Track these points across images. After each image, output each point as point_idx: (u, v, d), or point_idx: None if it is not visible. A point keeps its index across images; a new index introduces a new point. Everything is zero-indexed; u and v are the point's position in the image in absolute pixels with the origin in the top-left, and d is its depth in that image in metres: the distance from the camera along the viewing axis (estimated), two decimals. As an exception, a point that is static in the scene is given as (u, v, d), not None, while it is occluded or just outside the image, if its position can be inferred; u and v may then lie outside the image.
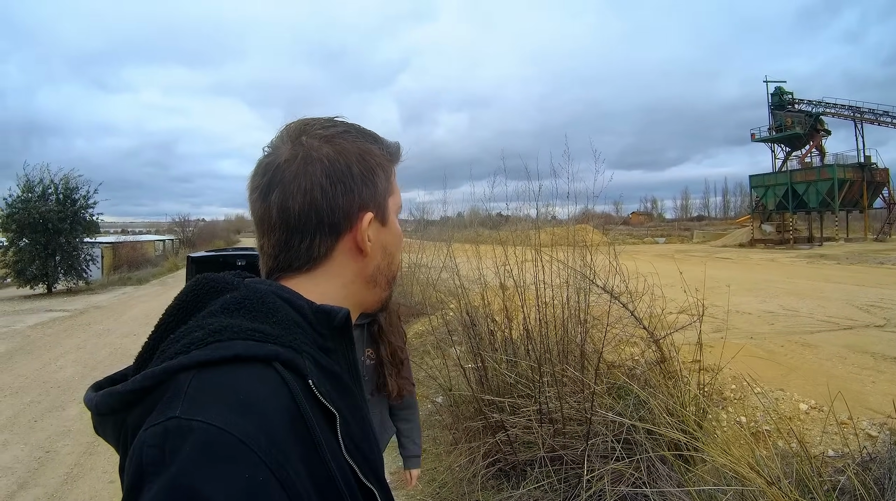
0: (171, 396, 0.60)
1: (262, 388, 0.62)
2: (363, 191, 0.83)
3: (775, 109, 44.71)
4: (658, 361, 4.10)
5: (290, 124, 0.86)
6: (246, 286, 0.74)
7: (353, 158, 0.83)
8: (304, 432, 0.63)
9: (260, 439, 0.58)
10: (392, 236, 0.91)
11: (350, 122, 0.89)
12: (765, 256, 30.89)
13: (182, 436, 0.56)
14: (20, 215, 23.06)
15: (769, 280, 16.19)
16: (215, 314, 0.70)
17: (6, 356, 10.49)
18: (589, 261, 4.50)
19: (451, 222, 8.95)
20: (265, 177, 0.81)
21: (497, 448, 3.93)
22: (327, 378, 0.71)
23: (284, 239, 0.81)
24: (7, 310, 18.71)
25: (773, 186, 43.23)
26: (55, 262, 24.19)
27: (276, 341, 0.67)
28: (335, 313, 0.77)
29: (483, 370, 4.30)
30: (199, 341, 0.65)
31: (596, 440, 3.56)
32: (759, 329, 8.56)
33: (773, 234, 42.85)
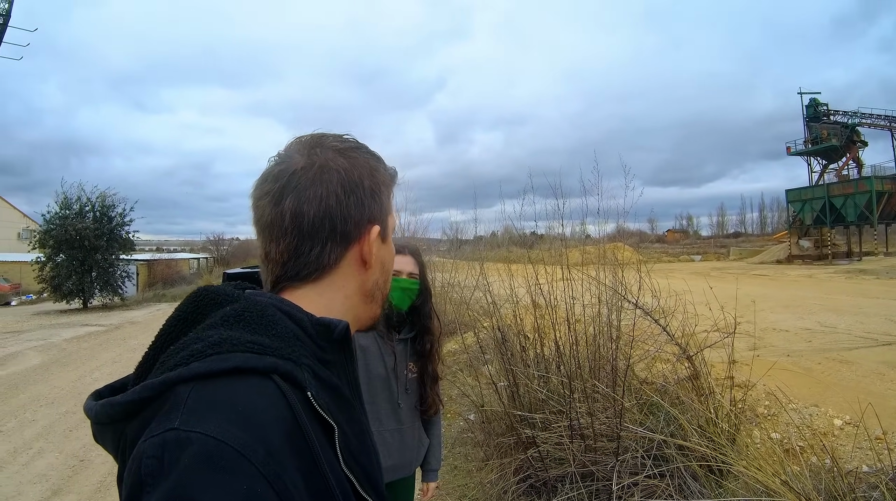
0: (170, 407, 0.61)
1: (260, 400, 0.63)
2: (372, 205, 0.87)
3: (810, 121, 43.91)
4: (690, 377, 4.11)
5: (301, 137, 0.89)
6: (246, 299, 0.75)
7: (365, 173, 0.86)
8: (302, 444, 0.64)
9: (258, 450, 0.58)
10: (389, 254, 0.94)
11: (359, 140, 0.92)
12: (802, 272, 30.26)
13: (181, 448, 0.57)
14: (57, 231, 23.75)
15: (806, 297, 15.90)
16: (215, 326, 0.70)
17: (42, 368, 10.78)
18: (620, 278, 4.53)
19: (485, 241, 9.02)
20: (278, 183, 0.82)
21: (528, 463, 3.94)
22: (326, 391, 0.73)
23: (295, 245, 0.82)
24: (44, 324, 19.24)
25: (809, 201, 42.36)
26: (91, 278, 24.88)
27: (274, 353, 0.68)
28: (335, 325, 0.78)
29: (515, 386, 4.33)
30: (198, 353, 0.65)
31: (626, 455, 3.56)
32: (795, 346, 8.45)
33: (810, 249, 41.90)
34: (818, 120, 43.29)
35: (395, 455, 2.46)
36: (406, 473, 2.55)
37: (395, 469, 2.48)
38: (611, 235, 5.90)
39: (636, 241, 5.69)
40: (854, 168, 42.46)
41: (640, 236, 14.23)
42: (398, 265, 2.44)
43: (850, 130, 41.78)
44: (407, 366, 2.51)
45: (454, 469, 4.93)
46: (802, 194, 43.81)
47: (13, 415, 7.62)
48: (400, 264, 2.45)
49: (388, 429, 2.45)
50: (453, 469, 4.95)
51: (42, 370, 10.53)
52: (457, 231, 13.64)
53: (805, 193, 43.57)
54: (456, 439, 5.54)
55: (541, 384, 4.31)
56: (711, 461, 3.30)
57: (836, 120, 43.33)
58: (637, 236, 5.49)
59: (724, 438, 3.50)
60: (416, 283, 2.49)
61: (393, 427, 2.47)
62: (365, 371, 2.42)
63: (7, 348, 13.50)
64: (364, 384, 2.44)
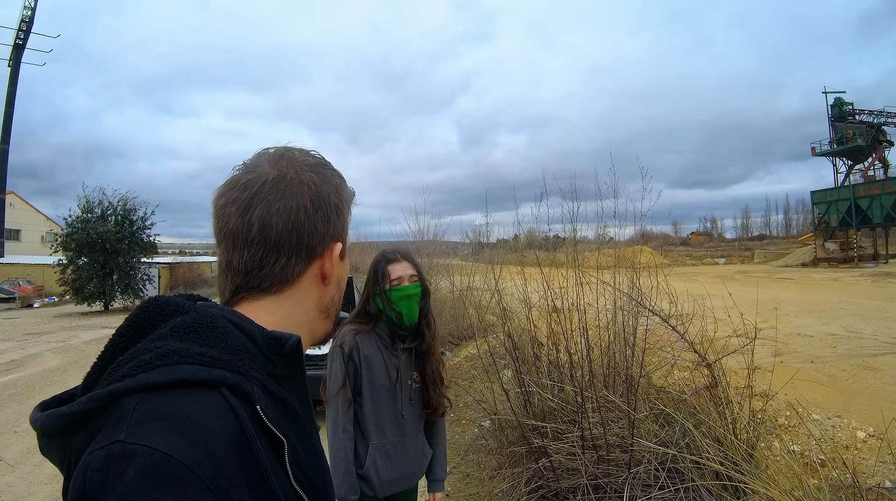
0: (117, 420, 0.59)
1: (208, 413, 0.62)
2: (336, 222, 0.87)
3: (835, 121, 43.33)
4: (708, 386, 3.99)
5: (268, 149, 0.89)
6: (196, 310, 0.74)
7: (332, 190, 0.87)
8: (250, 458, 0.63)
9: (205, 464, 0.57)
10: (344, 272, 0.94)
11: (325, 158, 0.93)
12: (828, 275, 29.83)
13: (126, 461, 0.55)
14: (79, 234, 24.09)
15: (831, 301, 15.65)
16: (164, 337, 0.69)
17: (60, 370, 10.90)
18: (637, 283, 4.43)
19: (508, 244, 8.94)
20: (246, 192, 0.82)
21: (540, 474, 3.88)
22: (276, 405, 0.71)
23: (260, 256, 0.81)
24: (64, 326, 19.51)
25: (835, 202, 41.71)
26: (112, 281, 25.20)
27: (224, 366, 0.67)
28: (286, 339, 0.77)
29: (527, 395, 4.27)
30: (146, 364, 0.64)
31: (639, 468, 3.49)
32: (820, 352, 8.29)
33: (836, 252, 41.26)
34: (843, 120, 42.71)
35: (397, 468, 2.42)
36: (409, 485, 2.51)
37: (398, 482, 2.44)
38: (633, 238, 5.80)
39: (660, 244, 5.55)
40: (880, 169, 41.90)
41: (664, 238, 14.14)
42: (397, 274, 2.41)
43: (875, 130, 41.23)
44: (411, 376, 2.47)
45: (466, 477, 4.89)
46: (828, 195, 43.19)
47: (28, 416, 7.61)
48: (399, 272, 2.42)
49: (390, 441, 2.41)
50: (465, 476, 4.91)
51: (60, 372, 10.65)
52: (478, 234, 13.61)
53: (830, 194, 42.95)
54: (469, 446, 5.50)
55: (554, 393, 4.24)
56: (726, 478, 3.18)
57: (861, 119, 42.78)
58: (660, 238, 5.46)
59: (742, 452, 3.40)
60: (417, 286, 2.44)
61: (396, 439, 2.43)
62: (370, 382, 2.39)
63: (27, 349, 13.70)
64: (368, 395, 2.40)
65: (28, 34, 41.21)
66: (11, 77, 41.23)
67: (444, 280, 12.69)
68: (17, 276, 34.26)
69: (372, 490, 2.36)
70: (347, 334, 2.43)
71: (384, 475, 2.37)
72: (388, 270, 2.42)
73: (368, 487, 2.35)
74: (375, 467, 2.36)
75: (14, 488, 5.23)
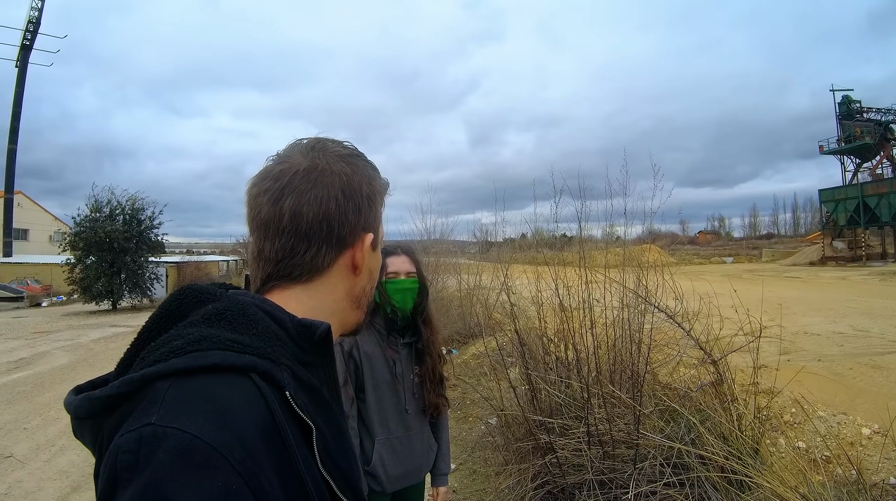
0: (148, 403, 0.60)
1: (237, 398, 0.63)
2: (368, 213, 0.88)
3: (843, 119, 43.14)
4: (713, 383, 3.99)
5: (302, 139, 0.90)
6: (228, 298, 0.75)
7: (364, 180, 0.88)
8: (278, 443, 0.64)
9: (234, 447, 0.58)
10: (377, 262, 0.95)
11: (358, 149, 0.93)
12: (836, 274, 29.71)
13: (157, 443, 0.56)
14: (87, 233, 24.14)
15: (839, 299, 15.60)
16: (196, 323, 0.70)
17: (69, 368, 10.93)
18: (644, 280, 4.45)
19: (515, 243, 8.95)
20: (278, 182, 0.83)
21: (546, 469, 3.89)
22: (305, 391, 0.72)
23: (291, 245, 0.82)
24: (73, 324, 19.57)
25: (843, 201, 41.53)
26: (120, 280, 25.24)
27: (254, 352, 0.68)
28: (316, 326, 0.78)
29: (534, 391, 4.28)
30: (178, 349, 0.65)
31: (644, 463, 3.50)
32: (827, 351, 8.27)
33: (844, 251, 41.10)
34: (851, 118, 42.53)
35: (404, 463, 2.42)
36: (416, 480, 2.51)
37: (405, 477, 2.44)
38: (641, 237, 5.80)
39: (667, 243, 5.56)
40: (888, 167, 41.73)
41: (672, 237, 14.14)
42: (394, 267, 2.43)
43: (884, 128, 41.04)
44: (413, 370, 2.48)
45: (473, 474, 4.90)
46: (836, 193, 43.01)
47: (37, 413, 7.73)
48: (396, 266, 2.43)
49: (396, 436, 2.42)
50: (472, 473, 4.92)
51: (69, 370, 10.68)
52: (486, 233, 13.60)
53: (838, 193, 42.77)
54: (476, 443, 5.51)
55: (560, 389, 4.25)
56: (731, 472, 3.19)
57: (869, 117, 42.56)
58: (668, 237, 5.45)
59: (747, 448, 3.42)
60: (415, 282, 2.45)
61: (401, 434, 2.43)
62: (371, 378, 2.39)
63: (36, 347, 13.74)
64: (371, 392, 2.40)
65: (35, 35, 41.43)
66: (19, 78, 41.53)
67: (452, 279, 12.68)
68: (26, 275, 34.35)
69: (380, 485, 2.36)
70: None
71: (391, 470, 2.37)
72: (385, 262, 2.43)
73: (376, 483, 2.36)
74: (382, 462, 2.36)
75: (24, 484, 5.28)
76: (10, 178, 41.45)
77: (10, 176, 41.37)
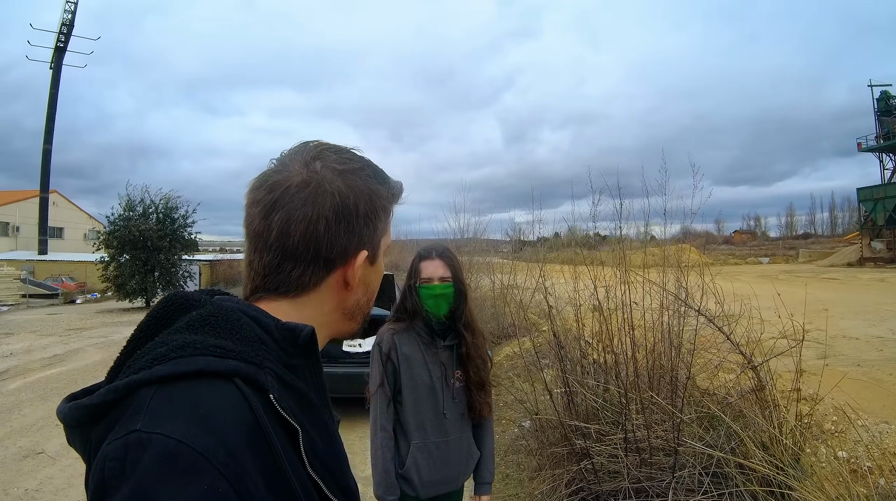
0: (133, 410, 0.61)
1: (221, 402, 0.63)
2: (363, 231, 0.85)
3: (882, 115, 42.13)
4: (754, 389, 3.86)
5: (307, 144, 0.87)
6: (212, 304, 0.75)
7: (361, 198, 0.84)
8: (263, 445, 0.64)
9: (219, 451, 0.58)
10: (376, 275, 0.93)
11: (365, 157, 0.90)
12: (874, 275, 29.04)
13: (142, 449, 0.57)
14: (121, 232, 24.35)
15: (879, 302, 15.22)
16: (180, 330, 0.70)
17: (102, 365, 10.97)
18: (684, 282, 4.37)
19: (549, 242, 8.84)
20: (271, 195, 0.81)
21: (581, 476, 3.83)
22: (290, 394, 0.72)
23: (277, 262, 0.82)
24: (106, 322, 19.79)
25: (882, 200, 40.51)
26: (154, 277, 25.38)
27: (237, 357, 0.68)
28: (300, 330, 0.77)
29: (571, 395, 4.21)
30: (161, 356, 0.65)
31: (683, 472, 3.42)
32: (866, 356, 8.04)
33: (882, 251, 40.13)
34: (890, 114, 41.55)
35: (440, 469, 2.38)
36: (452, 487, 2.46)
37: (440, 483, 2.39)
38: (676, 236, 5.68)
39: (702, 242, 5.45)
40: (928, 165, 40.48)
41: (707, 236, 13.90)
42: (427, 272, 2.38)
43: (923, 125, 39.82)
44: (454, 374, 2.43)
45: (506, 478, 4.85)
46: (874, 192, 42.02)
47: (68, 412, 7.79)
48: (429, 271, 2.39)
49: (433, 441, 2.37)
50: (505, 477, 4.87)
51: (102, 367, 10.69)
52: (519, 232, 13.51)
53: (877, 191, 41.77)
54: (509, 446, 5.46)
55: (598, 393, 4.17)
56: (773, 483, 3.09)
57: (909, 114, 41.34)
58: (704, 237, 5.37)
59: (788, 456, 3.34)
60: (449, 287, 2.38)
61: (438, 439, 2.38)
62: (409, 381, 2.36)
63: (69, 344, 13.90)
64: (409, 394, 2.36)
65: (69, 37, 42.15)
66: (53, 79, 42.18)
67: (485, 278, 12.60)
68: (60, 273, 35.01)
69: (413, 490, 2.32)
70: (385, 333, 2.41)
71: (426, 475, 2.33)
72: (419, 267, 2.40)
73: (410, 487, 2.32)
74: (417, 467, 2.32)
75: (55, 480, 5.33)
76: (46, 177, 42.21)
77: (45, 176, 42.14)
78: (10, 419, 7.43)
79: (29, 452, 6.13)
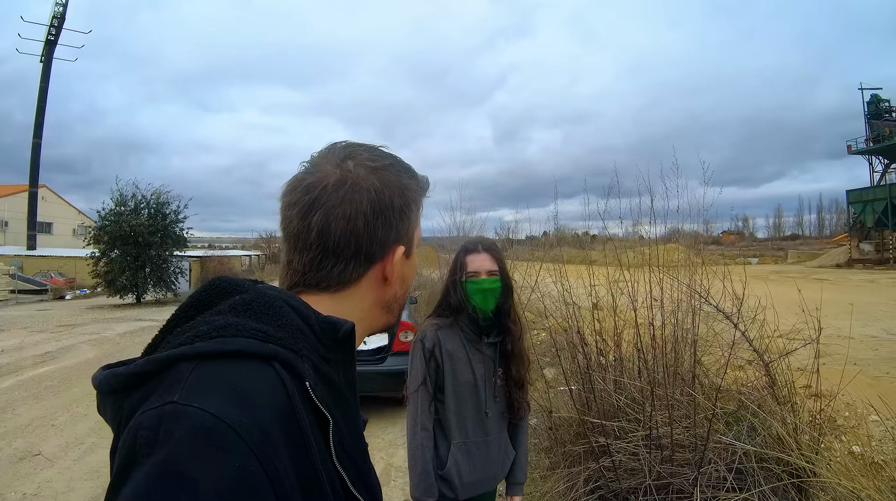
0: (171, 382, 0.62)
1: (258, 384, 0.64)
2: (399, 225, 0.88)
3: (872, 118, 42.58)
4: (770, 385, 3.89)
5: (336, 146, 0.90)
6: (256, 290, 0.77)
7: (395, 192, 0.87)
8: (295, 431, 0.65)
9: (252, 430, 0.59)
10: (411, 269, 0.95)
11: (393, 153, 0.92)
12: (864, 277, 29.33)
13: (177, 420, 0.57)
14: (112, 227, 24.26)
15: (870, 303, 15.45)
16: (223, 312, 0.72)
17: (95, 362, 10.84)
18: (700, 281, 4.38)
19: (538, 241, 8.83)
20: (308, 195, 0.83)
21: (599, 474, 3.80)
22: (325, 385, 0.73)
23: (318, 260, 0.84)
24: (98, 318, 19.68)
25: (871, 202, 40.96)
26: (145, 274, 25.36)
27: (277, 342, 0.69)
28: (340, 324, 0.79)
29: (591, 392, 4.19)
30: (203, 334, 0.67)
31: (708, 468, 3.41)
32: (861, 355, 8.10)
33: (871, 253, 40.54)
34: (880, 117, 41.96)
35: (479, 469, 2.33)
36: (488, 488, 2.42)
37: (478, 484, 2.35)
38: (664, 237, 5.69)
39: (692, 242, 5.47)
40: (918, 168, 40.87)
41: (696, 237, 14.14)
42: (474, 266, 2.32)
43: (913, 128, 40.19)
44: (496, 372, 2.38)
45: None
46: (863, 194, 42.46)
47: (65, 409, 7.65)
48: (476, 264, 2.32)
49: (473, 441, 2.33)
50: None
51: (95, 364, 10.31)
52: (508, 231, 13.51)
53: (866, 193, 42.21)
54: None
55: (618, 391, 4.16)
56: (801, 472, 3.17)
57: (899, 117, 41.74)
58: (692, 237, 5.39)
59: (809, 448, 3.37)
60: (497, 281, 2.31)
61: (479, 439, 2.34)
62: (452, 378, 2.31)
63: (62, 341, 13.73)
64: (450, 392, 2.31)
65: (59, 30, 41.83)
66: (43, 73, 41.89)
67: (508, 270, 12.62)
68: (49, 268, 34.87)
69: (453, 492, 2.28)
70: (429, 329, 2.35)
71: (466, 476, 2.29)
72: (465, 260, 2.34)
73: (449, 489, 2.27)
74: (457, 468, 2.28)
75: (54, 484, 5.13)
76: (35, 172, 41.89)
77: (34, 170, 41.82)
78: (3, 420, 7.20)
79: (25, 454, 5.89)
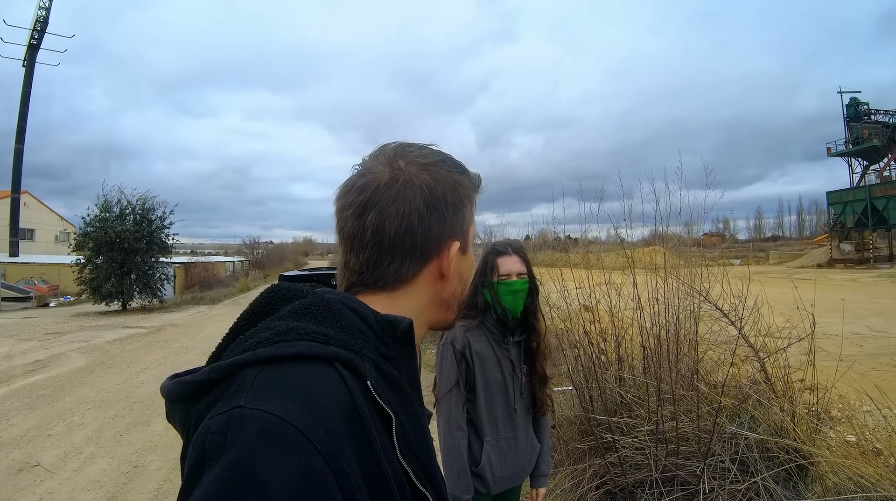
0: (237, 388, 0.64)
1: (322, 385, 0.66)
2: (454, 220, 0.88)
3: (851, 121, 43.13)
4: (766, 380, 4.00)
5: (386, 146, 0.91)
6: (314, 295, 0.79)
7: (448, 188, 0.88)
8: (359, 429, 0.66)
9: (317, 430, 0.61)
10: (468, 265, 0.96)
11: (443, 151, 0.93)
12: (846, 276, 29.71)
13: (244, 424, 0.59)
14: (97, 233, 23.94)
15: (853, 301, 15.65)
16: (283, 317, 0.74)
17: (87, 370, 10.72)
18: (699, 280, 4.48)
19: (522, 244, 8.87)
20: (361, 196, 0.85)
21: (605, 469, 3.87)
22: (386, 383, 0.74)
23: (374, 259, 0.85)
24: (85, 325, 19.40)
25: (851, 203, 41.52)
26: (130, 280, 25.06)
27: (337, 343, 0.71)
28: (398, 322, 0.80)
29: (600, 390, 4.26)
30: (265, 340, 0.69)
31: (713, 459, 3.49)
32: (847, 351, 8.15)
33: (851, 253, 41.05)
34: (859, 120, 42.51)
35: (510, 464, 2.40)
36: (518, 481, 2.49)
37: (509, 478, 2.42)
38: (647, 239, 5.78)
39: (675, 244, 5.57)
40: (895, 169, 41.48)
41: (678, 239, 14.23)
42: (505, 268, 2.39)
43: (891, 130, 41.02)
44: (521, 369, 2.46)
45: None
46: (843, 195, 42.99)
47: (60, 418, 7.52)
48: (507, 267, 2.39)
49: (504, 437, 2.39)
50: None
51: (87, 373, 10.44)
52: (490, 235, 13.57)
53: (846, 195, 42.75)
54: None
55: (622, 387, 4.25)
56: (804, 455, 3.27)
57: (877, 119, 42.49)
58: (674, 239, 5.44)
59: (808, 436, 3.49)
60: (525, 282, 2.39)
61: (509, 435, 2.40)
62: (482, 378, 2.37)
63: (50, 349, 13.53)
64: (481, 392, 2.37)
65: (42, 34, 41.36)
66: (26, 77, 41.38)
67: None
68: (33, 275, 34.41)
69: (486, 488, 2.33)
70: (458, 331, 2.40)
71: (498, 472, 2.35)
72: (497, 263, 2.40)
73: (483, 485, 2.33)
74: (490, 464, 2.34)
75: (55, 495, 5.04)
76: (17, 178, 41.36)
77: (16, 176, 41.29)
78: (-3, 430, 7.01)
79: (23, 465, 5.75)
